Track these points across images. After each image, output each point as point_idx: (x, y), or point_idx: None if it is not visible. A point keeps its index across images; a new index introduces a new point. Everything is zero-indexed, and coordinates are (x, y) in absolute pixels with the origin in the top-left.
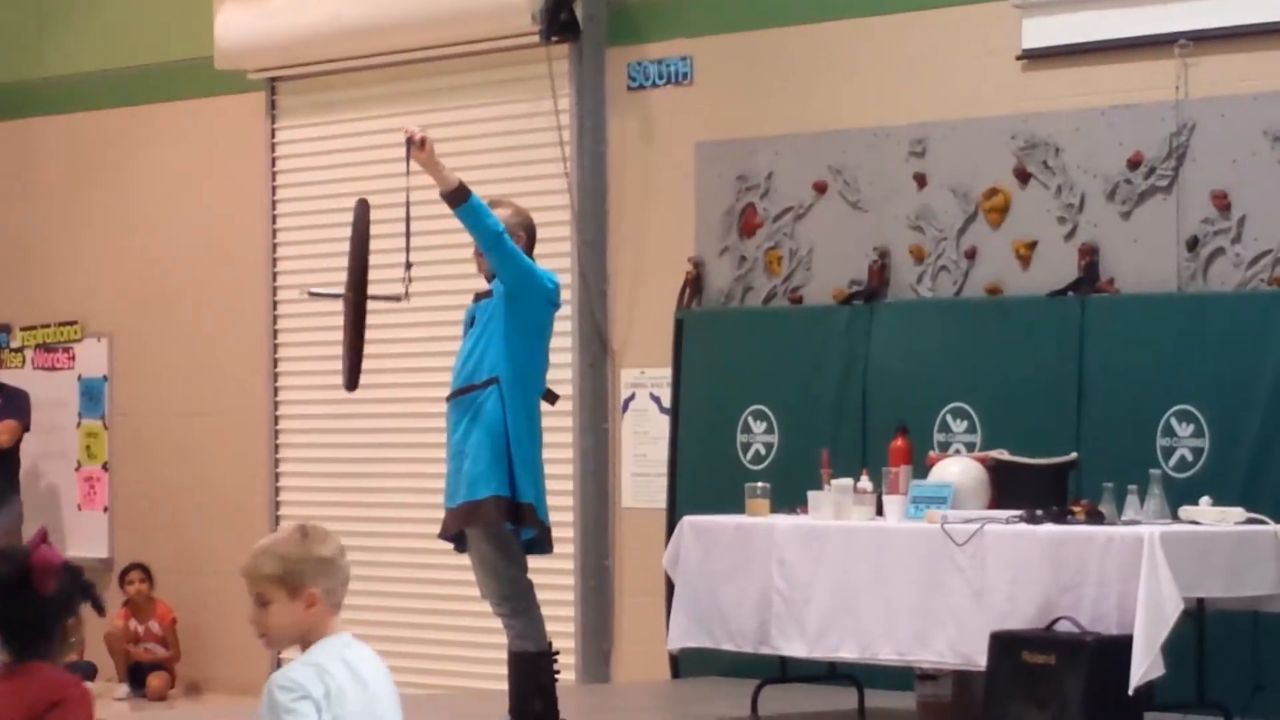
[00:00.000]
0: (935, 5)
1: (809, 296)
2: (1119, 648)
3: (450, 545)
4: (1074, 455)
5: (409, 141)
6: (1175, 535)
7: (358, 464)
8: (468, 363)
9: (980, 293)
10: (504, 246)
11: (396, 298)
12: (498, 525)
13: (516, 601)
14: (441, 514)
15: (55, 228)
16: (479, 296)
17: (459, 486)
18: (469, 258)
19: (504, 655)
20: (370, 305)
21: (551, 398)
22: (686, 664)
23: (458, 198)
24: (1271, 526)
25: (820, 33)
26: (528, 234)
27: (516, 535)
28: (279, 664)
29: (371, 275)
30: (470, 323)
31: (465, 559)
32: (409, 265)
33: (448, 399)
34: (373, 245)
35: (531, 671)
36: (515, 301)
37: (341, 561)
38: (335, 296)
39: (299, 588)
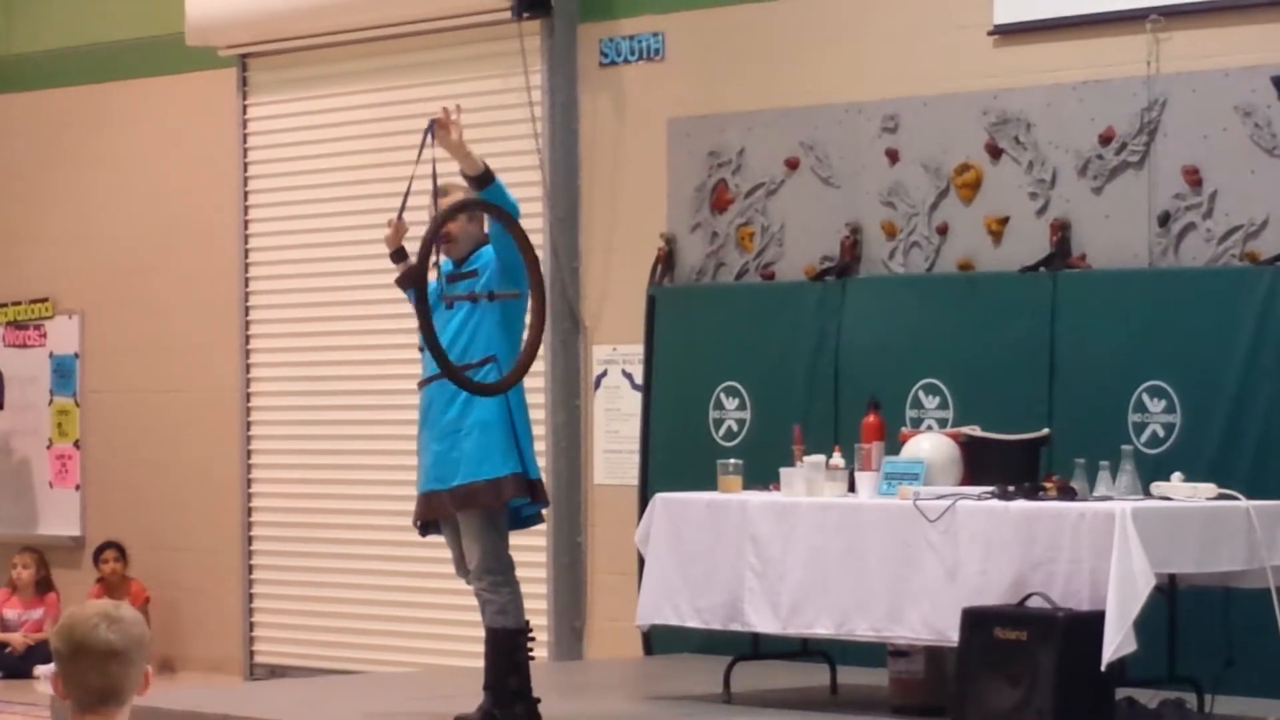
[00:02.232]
0: None
1: (781, 272)
2: (1091, 624)
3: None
4: (1046, 431)
5: (432, 124)
6: (1147, 511)
7: (330, 441)
8: (456, 342)
9: (952, 268)
10: (517, 223)
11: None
12: (502, 504)
13: (499, 575)
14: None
15: (26, 205)
16: (452, 277)
17: (456, 466)
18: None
19: (479, 633)
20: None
21: None
22: (659, 641)
23: (485, 180)
24: (1243, 502)
25: (792, 8)
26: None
27: (515, 511)
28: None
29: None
30: (447, 304)
31: (435, 537)
32: (438, 264)
33: (427, 381)
34: (356, 219)
35: (509, 648)
36: (513, 278)
37: (81, 664)
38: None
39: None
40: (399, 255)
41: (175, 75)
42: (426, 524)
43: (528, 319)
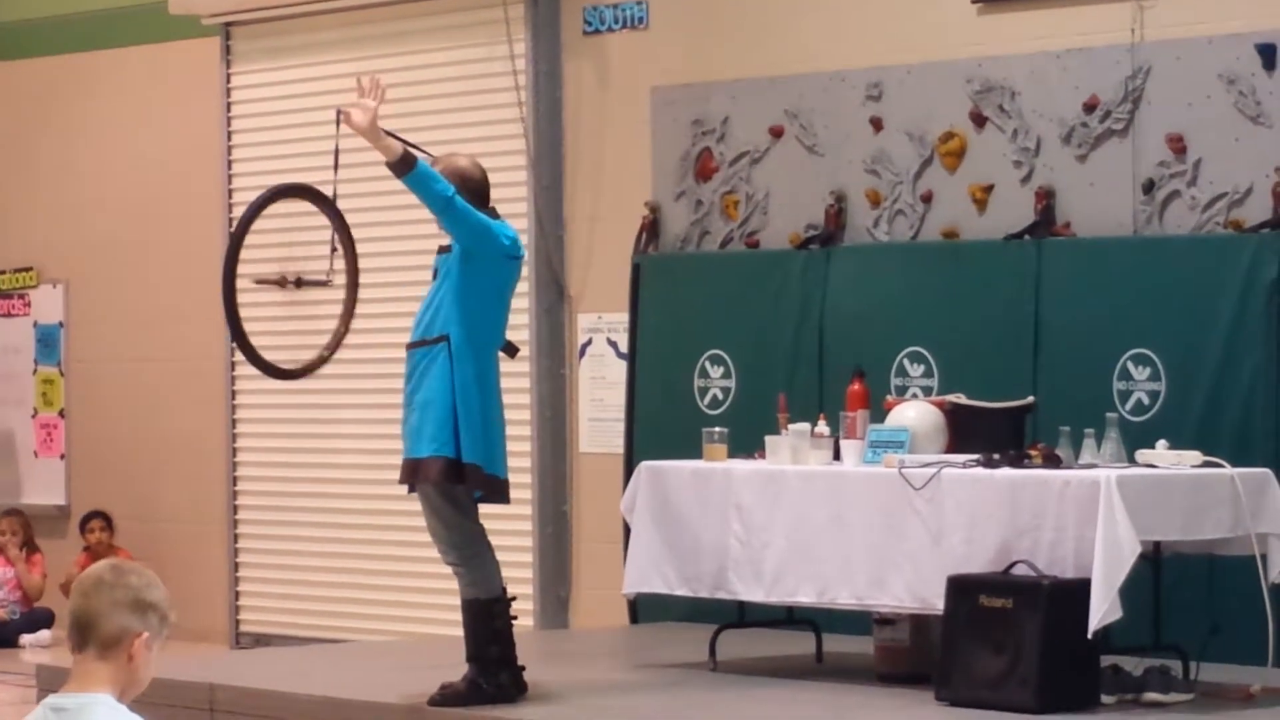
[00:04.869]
0: None
1: (765, 241)
2: (1076, 591)
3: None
4: (1031, 399)
5: (339, 112)
6: (1132, 479)
7: (315, 410)
8: (424, 315)
9: (936, 236)
10: (455, 210)
11: (325, 282)
12: (440, 483)
13: (465, 549)
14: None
15: (10, 174)
16: (443, 249)
17: (407, 439)
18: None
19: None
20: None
21: (511, 350)
22: (645, 610)
23: (403, 167)
24: (1228, 470)
25: None
26: (463, 185)
27: (468, 490)
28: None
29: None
30: (434, 274)
31: (419, 504)
32: (334, 249)
33: (407, 346)
34: (339, 188)
35: (485, 618)
36: (471, 261)
37: (73, 598)
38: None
39: None
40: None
41: (158, 44)
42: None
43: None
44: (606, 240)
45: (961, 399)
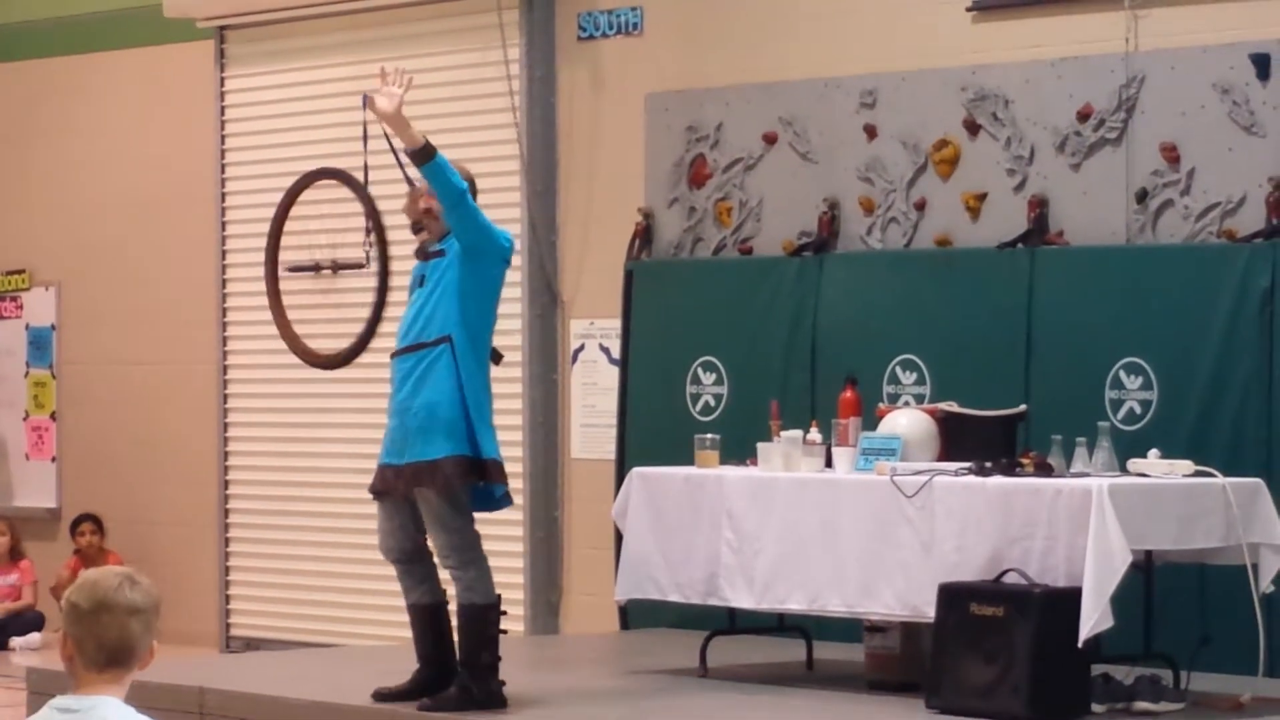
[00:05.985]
0: None
1: (759, 247)
2: (1067, 600)
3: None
4: (1023, 407)
5: (365, 97)
6: (1124, 488)
7: (307, 414)
8: (417, 320)
9: (930, 244)
10: (466, 205)
11: (361, 265)
12: (455, 484)
13: (464, 554)
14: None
15: (3, 176)
16: (428, 255)
17: (405, 445)
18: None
19: (450, 607)
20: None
21: (496, 357)
22: (635, 616)
23: (423, 156)
24: (1220, 479)
25: None
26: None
27: (488, 494)
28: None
29: (331, 239)
30: (419, 281)
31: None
32: (369, 230)
33: (393, 355)
34: (333, 193)
35: (480, 624)
36: (473, 260)
37: (102, 619)
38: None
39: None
40: (419, 227)
41: (153, 47)
42: (380, 493)
43: (502, 293)
44: (599, 246)
45: (954, 407)
